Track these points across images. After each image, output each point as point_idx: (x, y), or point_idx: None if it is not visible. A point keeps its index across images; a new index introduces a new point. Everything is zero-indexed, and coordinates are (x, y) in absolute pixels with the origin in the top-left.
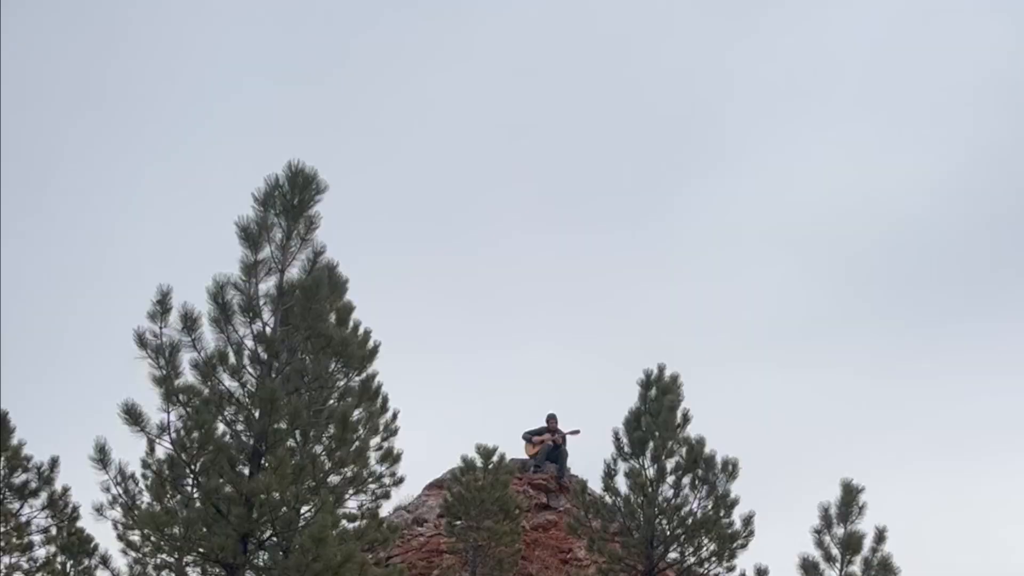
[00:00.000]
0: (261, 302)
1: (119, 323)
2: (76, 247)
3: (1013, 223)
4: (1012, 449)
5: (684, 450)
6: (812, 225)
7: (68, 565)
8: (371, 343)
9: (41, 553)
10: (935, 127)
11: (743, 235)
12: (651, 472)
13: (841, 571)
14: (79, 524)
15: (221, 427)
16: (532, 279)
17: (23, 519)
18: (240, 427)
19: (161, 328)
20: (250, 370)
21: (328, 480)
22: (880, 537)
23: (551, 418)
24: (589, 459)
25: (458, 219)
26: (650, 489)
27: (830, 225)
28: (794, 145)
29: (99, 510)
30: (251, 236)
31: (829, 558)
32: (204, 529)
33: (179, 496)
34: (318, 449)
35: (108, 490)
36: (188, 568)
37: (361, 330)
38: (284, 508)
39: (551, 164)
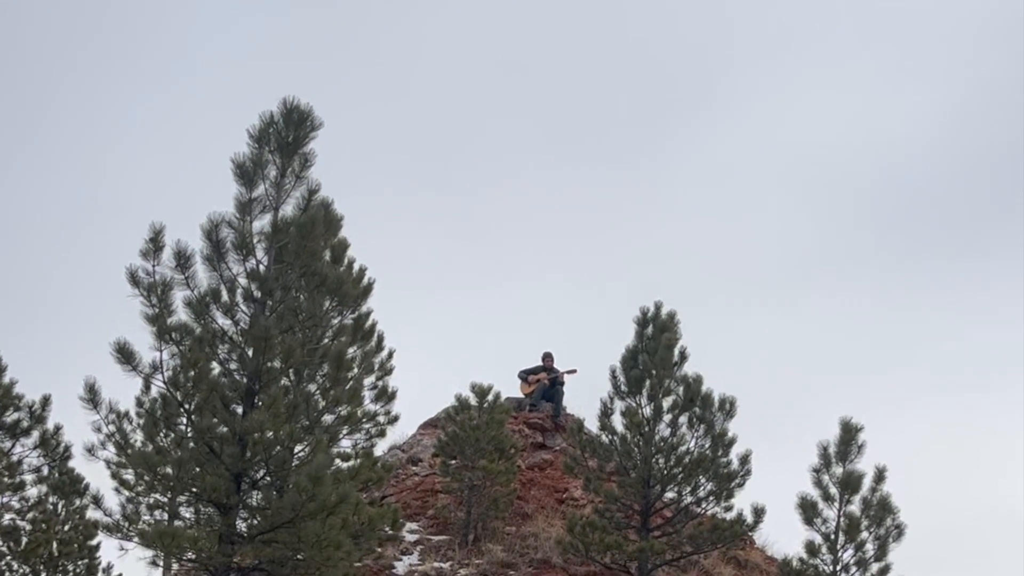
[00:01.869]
0: (255, 240)
1: (112, 261)
2: (69, 184)
3: (1014, 159)
4: (1014, 386)
5: (681, 388)
6: (812, 162)
7: (60, 505)
8: (366, 280)
9: (33, 492)
10: (936, 63)
11: (743, 172)
12: (648, 411)
13: (840, 510)
14: (71, 464)
15: (214, 366)
16: (529, 217)
17: (14, 458)
18: (233, 366)
19: (154, 266)
20: (243, 308)
21: (322, 419)
22: (879, 476)
23: (547, 356)
24: (585, 398)
25: (455, 156)
26: (647, 428)
27: (830, 162)
28: (794, 82)
29: (91, 450)
30: (246, 173)
31: (827, 497)
32: (197, 469)
33: (172, 435)
34: (312, 388)
35: (99, 430)
36: (181, 508)
37: (356, 267)
38: (278, 447)
39: (550, 101)
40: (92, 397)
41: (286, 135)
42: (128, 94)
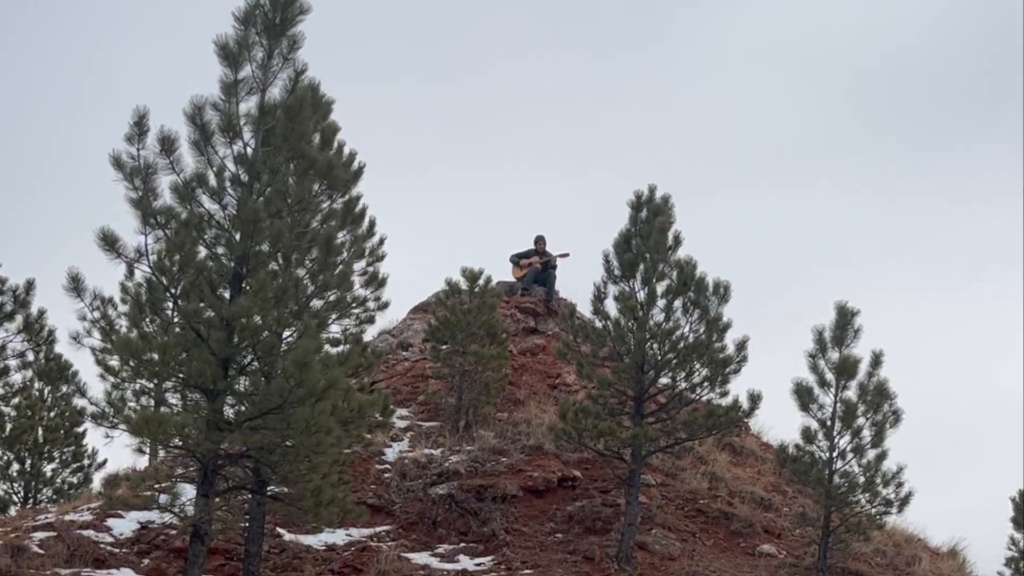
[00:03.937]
0: (241, 122)
1: (97, 146)
2: (53, 71)
3: (1013, 48)
4: (1007, 273)
5: (675, 273)
6: (811, 48)
7: (46, 391)
8: (356, 164)
9: (17, 378)
10: None
11: (740, 57)
12: (641, 295)
13: (836, 396)
14: (56, 350)
15: (201, 250)
16: (523, 103)
17: None
18: (221, 250)
19: (138, 150)
20: (231, 192)
21: (311, 304)
22: (876, 361)
23: (539, 240)
24: (578, 282)
25: (448, 42)
26: (641, 313)
27: (829, 48)
28: None
29: (76, 339)
30: (231, 55)
31: (823, 383)
32: (183, 354)
33: (158, 321)
34: (301, 273)
35: (84, 318)
36: (168, 394)
37: (346, 151)
38: (266, 332)
39: None
40: (76, 287)
41: (273, 16)
42: None
